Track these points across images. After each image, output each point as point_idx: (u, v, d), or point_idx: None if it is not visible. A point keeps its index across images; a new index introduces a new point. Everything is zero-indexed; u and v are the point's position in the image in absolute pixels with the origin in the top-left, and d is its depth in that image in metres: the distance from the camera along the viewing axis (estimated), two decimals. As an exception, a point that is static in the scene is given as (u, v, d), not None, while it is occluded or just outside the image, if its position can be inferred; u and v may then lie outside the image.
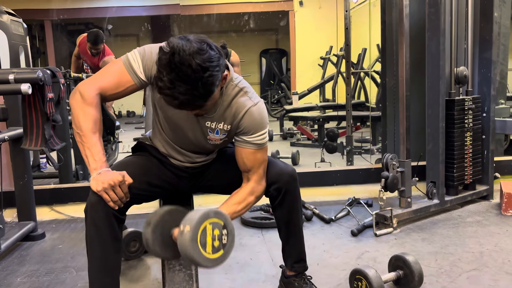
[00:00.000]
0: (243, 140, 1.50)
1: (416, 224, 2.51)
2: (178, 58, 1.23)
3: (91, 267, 1.42)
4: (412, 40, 2.51)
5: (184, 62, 1.23)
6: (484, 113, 2.80)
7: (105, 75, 1.46)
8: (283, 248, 1.71)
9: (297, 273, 1.70)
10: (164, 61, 1.24)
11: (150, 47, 1.45)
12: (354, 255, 2.13)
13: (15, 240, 2.29)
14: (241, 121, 1.48)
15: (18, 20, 4.01)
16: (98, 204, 1.35)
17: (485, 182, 2.86)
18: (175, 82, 1.23)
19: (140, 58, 1.43)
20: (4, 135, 2.22)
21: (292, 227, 1.66)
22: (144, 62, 1.43)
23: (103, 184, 1.32)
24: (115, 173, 1.35)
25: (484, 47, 2.78)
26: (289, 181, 1.57)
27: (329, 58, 8.08)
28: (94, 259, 1.41)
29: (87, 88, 1.42)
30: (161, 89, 1.26)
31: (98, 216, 1.36)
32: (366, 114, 5.06)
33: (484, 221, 2.51)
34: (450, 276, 1.88)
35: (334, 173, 3.10)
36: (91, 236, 1.39)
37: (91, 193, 1.37)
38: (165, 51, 1.25)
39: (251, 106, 1.48)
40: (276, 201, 1.61)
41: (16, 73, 1.60)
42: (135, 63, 1.43)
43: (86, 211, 1.38)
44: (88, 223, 1.38)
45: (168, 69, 1.23)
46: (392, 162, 2.42)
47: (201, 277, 1.74)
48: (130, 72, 1.43)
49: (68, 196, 2.92)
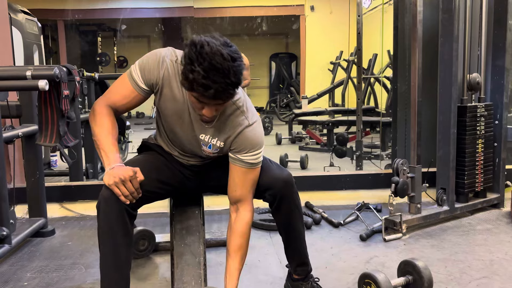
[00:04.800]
0: (237, 157, 1.50)
1: (425, 230, 2.50)
2: (208, 49, 1.26)
3: (102, 261, 1.43)
4: (424, 46, 2.51)
5: (215, 52, 1.26)
6: (496, 121, 2.78)
7: (112, 90, 1.53)
8: (285, 251, 1.72)
9: (303, 276, 1.70)
10: (194, 54, 1.26)
11: (147, 56, 1.49)
12: (363, 259, 2.12)
13: (26, 235, 2.32)
14: (234, 140, 1.49)
15: (33, 19, 4.06)
16: (111, 199, 1.37)
17: (496, 190, 2.83)
18: (209, 71, 1.25)
19: (139, 69, 1.47)
20: (18, 132, 2.24)
21: (291, 232, 1.67)
22: (142, 72, 1.46)
23: (115, 178, 1.34)
24: (127, 168, 1.37)
25: (497, 54, 2.77)
26: (283, 187, 1.55)
27: (339, 63, 8.07)
28: (105, 254, 1.42)
29: (99, 104, 1.50)
30: (194, 80, 1.26)
31: (111, 211, 1.38)
32: (376, 119, 5.05)
33: (494, 229, 2.48)
34: (459, 283, 1.86)
35: (343, 178, 3.09)
36: (103, 230, 1.40)
37: (104, 188, 1.38)
38: (192, 46, 1.27)
39: (246, 127, 1.48)
40: (272, 206, 1.61)
41: (33, 69, 1.62)
42: (135, 74, 1.47)
43: (99, 206, 1.40)
44: (100, 218, 1.39)
45: (200, 60, 1.25)
46: (402, 167, 2.41)
47: (209, 277, 1.75)
48: (132, 83, 1.48)
49: (78, 194, 2.94)
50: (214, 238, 2.34)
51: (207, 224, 2.56)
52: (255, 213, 2.73)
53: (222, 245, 2.32)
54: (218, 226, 2.61)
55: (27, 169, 2.48)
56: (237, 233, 1.56)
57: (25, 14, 3.92)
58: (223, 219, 2.71)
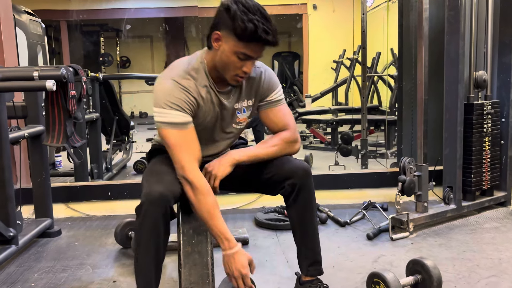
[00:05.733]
0: (268, 101, 1.65)
1: (432, 229, 2.49)
2: (251, 3, 1.42)
3: (144, 258, 1.44)
4: (430, 44, 2.49)
5: (256, 5, 1.42)
6: (503, 118, 2.76)
7: (181, 148, 1.48)
8: (298, 250, 1.69)
9: (313, 278, 1.67)
10: (244, 7, 1.40)
11: (164, 94, 1.46)
12: (370, 258, 2.12)
13: (32, 236, 2.32)
14: (261, 83, 1.62)
15: (37, 20, 4.07)
16: (159, 200, 1.39)
17: (503, 188, 2.82)
18: (262, 18, 1.40)
19: (173, 108, 1.46)
20: (24, 132, 2.24)
21: (306, 227, 1.65)
22: (178, 108, 1.46)
23: (240, 271, 1.48)
24: (245, 259, 1.50)
25: (504, 51, 2.75)
26: (303, 176, 1.58)
27: (342, 61, 8.05)
28: (148, 251, 1.43)
29: (190, 173, 1.47)
30: (257, 27, 1.38)
31: (158, 212, 1.40)
32: (381, 118, 5.03)
33: (502, 228, 2.47)
34: (468, 282, 1.85)
35: (348, 177, 3.07)
36: (147, 230, 1.41)
37: (151, 189, 1.40)
38: (236, 3, 1.41)
39: (262, 68, 1.64)
40: (290, 197, 1.61)
41: (41, 70, 1.62)
42: (176, 117, 1.46)
43: (141, 207, 1.41)
44: (145, 218, 1.41)
45: (252, 10, 1.40)
46: (409, 166, 2.40)
47: (217, 277, 1.75)
48: (183, 125, 1.48)
49: (83, 194, 2.94)
50: (220, 238, 2.33)
51: (213, 224, 2.55)
52: (261, 212, 2.72)
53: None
54: (224, 225, 2.60)
55: (33, 169, 2.48)
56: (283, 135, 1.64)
57: (29, 15, 3.92)
58: (229, 219, 2.70)
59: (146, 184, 1.46)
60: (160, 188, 1.41)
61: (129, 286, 1.91)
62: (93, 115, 3.65)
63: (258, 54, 1.48)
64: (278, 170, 1.60)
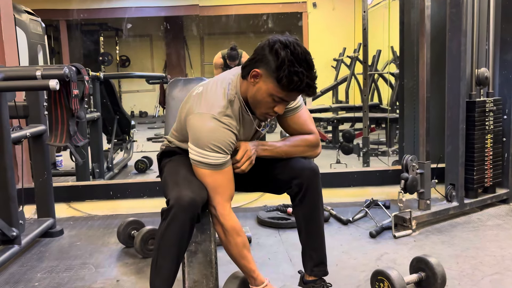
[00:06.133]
0: (287, 109, 1.59)
1: (435, 226, 2.49)
2: (299, 50, 1.38)
3: (165, 263, 1.44)
4: (431, 41, 2.48)
5: (304, 51, 1.39)
6: (505, 116, 2.76)
7: (216, 190, 1.47)
8: (303, 250, 1.68)
9: (317, 278, 1.67)
10: (292, 56, 1.36)
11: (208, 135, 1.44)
12: (373, 256, 2.11)
13: (35, 236, 2.32)
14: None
15: (37, 19, 4.06)
16: (190, 206, 1.39)
17: (505, 185, 2.82)
18: (308, 71, 1.38)
19: (212, 149, 1.44)
20: (26, 132, 2.24)
21: (312, 227, 1.64)
22: (218, 147, 1.44)
23: None
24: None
25: (506, 48, 2.75)
26: (311, 176, 1.58)
27: (342, 59, 8.04)
28: (170, 256, 1.43)
29: (222, 216, 1.48)
30: (301, 81, 1.37)
31: (187, 217, 1.40)
32: (382, 116, 5.02)
33: (504, 225, 2.47)
34: (472, 279, 1.85)
35: (350, 175, 3.07)
36: (173, 234, 1.41)
37: (181, 193, 1.40)
38: (286, 48, 1.37)
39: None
40: (297, 197, 1.60)
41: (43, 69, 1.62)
42: (216, 157, 1.45)
43: (170, 209, 1.40)
44: (173, 221, 1.40)
45: (299, 61, 1.37)
46: (412, 163, 2.40)
47: (220, 275, 1.75)
48: (221, 164, 1.46)
49: (85, 194, 2.94)
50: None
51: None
52: (263, 211, 2.72)
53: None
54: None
55: (35, 169, 2.48)
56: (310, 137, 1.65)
57: (29, 14, 3.91)
58: (231, 218, 2.70)
59: (175, 188, 1.44)
60: (190, 193, 1.40)
61: (132, 285, 1.91)
62: (94, 115, 3.65)
63: (294, 99, 1.51)
64: (285, 169, 1.60)
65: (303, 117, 1.64)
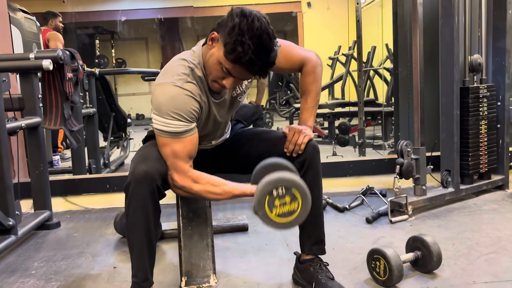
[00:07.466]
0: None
1: (431, 212, 2.49)
2: (258, 24, 1.30)
3: (133, 232, 1.43)
4: (424, 30, 2.50)
5: (264, 30, 1.30)
6: (498, 102, 2.78)
7: (177, 157, 1.44)
8: (301, 230, 1.68)
9: (314, 256, 1.67)
10: (246, 26, 1.29)
11: (167, 99, 1.40)
12: (370, 240, 2.12)
13: (32, 227, 2.31)
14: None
15: (32, 18, 4.06)
16: (144, 178, 1.38)
17: (500, 171, 2.83)
18: (258, 47, 1.29)
19: (178, 117, 1.41)
20: (21, 123, 2.24)
21: (313, 204, 1.65)
22: (179, 114, 1.40)
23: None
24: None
25: (498, 35, 2.77)
26: (312, 153, 1.59)
27: (338, 58, 8.07)
28: (135, 225, 1.42)
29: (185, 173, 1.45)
30: (244, 53, 1.29)
31: (144, 191, 1.39)
32: (378, 109, 5.04)
33: (500, 209, 2.48)
34: (468, 258, 1.86)
35: (346, 164, 3.08)
36: (135, 209, 1.40)
37: (136, 168, 1.39)
38: (243, 17, 1.31)
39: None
40: (298, 174, 1.60)
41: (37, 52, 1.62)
42: (179, 126, 1.41)
43: (128, 186, 1.40)
44: (132, 197, 1.39)
45: (250, 33, 1.29)
46: (406, 148, 2.41)
47: (217, 260, 1.75)
48: (186, 133, 1.43)
49: (82, 188, 2.93)
50: (220, 225, 2.33)
51: (213, 213, 2.55)
52: None
53: (228, 231, 2.31)
54: (224, 214, 2.60)
55: (31, 161, 2.47)
56: (306, 73, 1.65)
57: (24, 13, 3.91)
58: (228, 208, 2.70)
59: (132, 165, 1.44)
60: (144, 167, 1.39)
61: (129, 271, 1.87)
62: (90, 110, 3.64)
63: (242, 77, 1.40)
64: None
65: (286, 50, 1.61)
